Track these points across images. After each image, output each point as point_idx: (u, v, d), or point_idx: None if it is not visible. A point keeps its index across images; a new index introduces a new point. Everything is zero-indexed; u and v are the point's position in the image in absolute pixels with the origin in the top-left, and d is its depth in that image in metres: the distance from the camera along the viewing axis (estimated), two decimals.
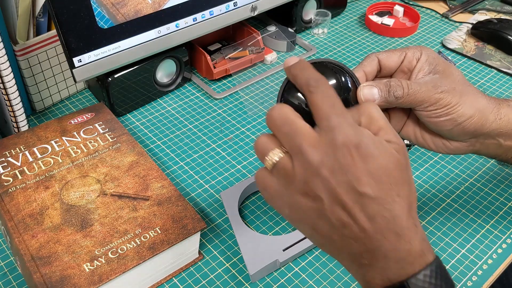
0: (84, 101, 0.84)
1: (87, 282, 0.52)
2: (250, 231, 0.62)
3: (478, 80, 0.90)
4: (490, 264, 0.61)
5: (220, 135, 0.78)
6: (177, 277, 0.59)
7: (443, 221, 0.66)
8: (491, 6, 1.10)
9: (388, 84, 0.47)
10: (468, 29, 1.02)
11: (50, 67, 0.78)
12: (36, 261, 0.53)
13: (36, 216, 0.58)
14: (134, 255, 0.54)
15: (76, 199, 0.60)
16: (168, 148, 0.76)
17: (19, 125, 0.72)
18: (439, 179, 0.71)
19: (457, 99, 0.49)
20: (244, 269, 0.60)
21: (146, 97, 0.82)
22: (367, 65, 0.50)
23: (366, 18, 1.04)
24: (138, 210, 0.59)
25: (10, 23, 0.72)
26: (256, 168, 0.72)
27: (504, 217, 0.66)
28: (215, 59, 0.86)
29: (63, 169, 0.63)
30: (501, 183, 0.71)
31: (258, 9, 0.87)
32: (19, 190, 0.60)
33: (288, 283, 0.59)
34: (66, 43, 0.68)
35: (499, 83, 0.89)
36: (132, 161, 0.65)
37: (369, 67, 0.50)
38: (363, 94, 0.46)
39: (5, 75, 0.66)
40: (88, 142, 0.67)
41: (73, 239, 0.55)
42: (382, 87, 0.47)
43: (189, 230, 0.57)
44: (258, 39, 0.89)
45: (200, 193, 0.69)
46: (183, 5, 0.77)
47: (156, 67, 0.81)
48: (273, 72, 0.89)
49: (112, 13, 0.71)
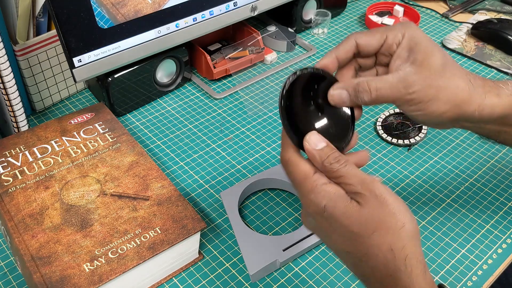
0: (84, 101, 0.84)
1: (87, 282, 0.51)
2: (250, 231, 0.62)
3: None
4: (490, 264, 0.61)
5: (220, 135, 0.78)
6: (177, 277, 0.59)
7: (443, 221, 0.66)
8: (491, 6, 1.10)
9: (356, 89, 0.47)
10: (468, 29, 1.02)
11: (50, 67, 0.78)
12: (36, 261, 0.53)
13: (36, 216, 0.58)
14: (134, 255, 0.54)
15: (76, 199, 0.60)
16: (168, 148, 0.76)
17: (19, 125, 0.72)
18: (439, 179, 0.71)
19: (430, 96, 0.46)
20: (244, 269, 0.60)
21: (146, 97, 0.82)
22: (341, 50, 0.49)
23: (366, 18, 1.04)
24: (138, 210, 0.59)
25: (10, 23, 0.72)
26: (256, 168, 0.72)
27: (504, 217, 0.66)
28: (215, 59, 0.86)
29: (63, 169, 0.63)
30: (501, 183, 0.71)
31: (258, 9, 0.87)
32: (19, 190, 0.60)
33: (288, 283, 0.59)
34: (66, 43, 0.68)
35: None
36: (132, 161, 0.65)
37: (344, 53, 0.49)
38: (332, 98, 0.47)
39: (5, 75, 0.66)
40: (88, 142, 0.67)
41: (73, 239, 0.55)
42: (351, 91, 0.47)
43: (189, 230, 0.57)
44: (258, 39, 0.89)
45: (200, 193, 0.69)
46: (183, 5, 0.77)
47: (156, 67, 0.81)
48: (273, 72, 0.89)
49: (112, 13, 0.71)
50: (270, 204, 0.68)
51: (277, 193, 0.69)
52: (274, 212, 0.67)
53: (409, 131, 0.77)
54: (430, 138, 0.78)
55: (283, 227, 0.65)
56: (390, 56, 0.49)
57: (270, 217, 0.66)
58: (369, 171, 0.72)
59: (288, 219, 0.66)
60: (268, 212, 0.67)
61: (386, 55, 0.49)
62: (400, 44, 0.48)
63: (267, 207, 0.67)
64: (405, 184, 0.70)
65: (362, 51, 0.49)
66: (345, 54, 0.49)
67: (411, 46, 0.47)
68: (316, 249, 0.62)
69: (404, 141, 0.76)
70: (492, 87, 0.49)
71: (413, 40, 0.47)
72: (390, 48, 0.48)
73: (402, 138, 0.76)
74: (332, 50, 0.49)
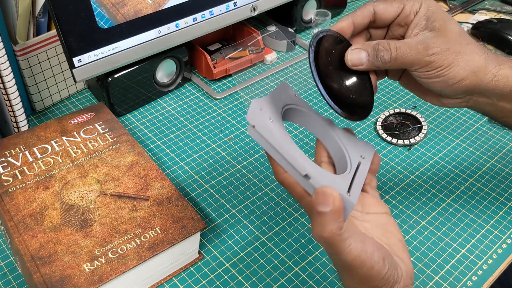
0: (84, 101, 0.84)
1: (87, 282, 0.51)
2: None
3: None
4: (490, 264, 0.61)
5: (220, 135, 0.78)
6: (177, 277, 0.59)
7: (443, 221, 0.66)
8: (491, 6, 1.10)
9: (376, 48, 0.46)
10: (468, 29, 1.02)
11: (50, 67, 0.78)
12: (36, 261, 0.53)
13: (36, 216, 0.58)
14: (134, 255, 0.54)
15: (76, 199, 0.60)
16: (168, 148, 0.76)
17: (19, 125, 0.72)
18: (439, 179, 0.71)
19: (449, 61, 0.47)
20: (244, 269, 0.60)
21: (146, 97, 0.82)
22: (359, 15, 0.49)
23: None
24: (138, 210, 0.59)
25: (10, 23, 0.72)
26: (256, 168, 0.72)
27: (504, 217, 0.66)
28: (215, 59, 0.86)
29: (63, 169, 0.63)
30: (501, 183, 0.71)
31: (258, 9, 0.87)
32: (19, 190, 0.60)
33: (288, 283, 0.59)
34: (66, 43, 0.68)
35: None
36: (132, 161, 0.65)
37: (360, 18, 0.49)
38: (350, 59, 0.46)
39: (5, 75, 0.66)
40: (88, 142, 0.67)
41: (73, 239, 0.55)
42: (370, 51, 0.46)
43: (189, 230, 0.57)
44: (258, 39, 0.89)
45: (200, 193, 0.69)
46: (183, 5, 0.77)
47: (156, 67, 0.81)
48: (273, 72, 0.89)
49: (112, 13, 0.71)
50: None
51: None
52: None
53: (409, 131, 0.77)
54: (430, 138, 0.78)
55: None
56: (406, 26, 0.49)
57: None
58: None
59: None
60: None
61: (401, 25, 0.49)
62: (417, 13, 0.48)
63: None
64: (405, 184, 0.70)
65: (379, 19, 0.49)
66: (362, 20, 0.49)
67: (429, 14, 0.48)
68: (316, 249, 0.62)
69: (404, 141, 0.76)
70: (505, 60, 0.50)
71: (430, 9, 0.48)
72: (407, 18, 0.49)
73: (402, 138, 0.76)
74: (349, 15, 0.49)
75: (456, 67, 0.47)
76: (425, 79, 0.48)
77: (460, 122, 0.80)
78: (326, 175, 0.44)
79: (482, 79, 0.48)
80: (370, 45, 0.47)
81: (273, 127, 0.43)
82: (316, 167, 0.44)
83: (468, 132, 0.79)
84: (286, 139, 0.43)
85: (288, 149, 0.42)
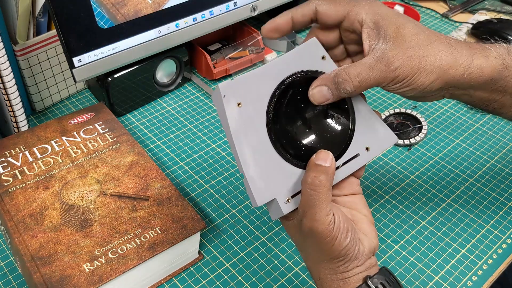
0: (84, 101, 0.84)
1: (87, 282, 0.51)
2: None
3: None
4: (490, 264, 0.61)
5: (220, 135, 0.78)
6: (177, 277, 0.59)
7: (443, 221, 0.66)
8: (491, 6, 1.10)
9: (335, 81, 0.44)
10: (468, 29, 1.01)
11: (50, 67, 0.78)
12: (36, 261, 0.53)
13: (36, 216, 0.58)
14: (134, 255, 0.54)
15: (76, 199, 0.60)
16: (168, 148, 0.76)
17: (19, 125, 0.72)
18: (439, 179, 0.71)
19: (415, 69, 0.44)
20: (244, 269, 0.60)
21: (146, 97, 0.82)
22: (299, 12, 0.47)
23: None
24: (138, 210, 0.59)
25: (10, 23, 0.72)
26: None
27: (504, 217, 0.66)
28: (215, 59, 0.86)
29: (63, 169, 0.63)
30: (501, 183, 0.71)
31: (258, 9, 0.87)
32: (19, 190, 0.60)
33: (288, 283, 0.59)
34: (66, 43, 0.68)
35: None
36: (132, 161, 0.65)
37: (301, 15, 0.47)
38: (314, 98, 0.45)
39: (5, 75, 0.66)
40: (88, 142, 0.67)
41: (73, 239, 0.55)
42: (331, 85, 0.44)
43: (189, 230, 0.57)
44: (258, 39, 0.89)
45: (200, 193, 0.69)
46: (183, 5, 0.77)
47: (156, 67, 0.81)
48: None
49: (112, 13, 0.71)
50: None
51: None
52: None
53: (409, 131, 0.77)
54: (430, 138, 0.78)
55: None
56: (355, 34, 0.47)
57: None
58: (369, 171, 0.72)
59: None
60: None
61: (350, 31, 0.47)
62: (364, 23, 0.45)
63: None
64: (405, 184, 0.70)
65: (321, 19, 0.47)
66: (302, 18, 0.47)
67: (378, 21, 0.45)
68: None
69: (404, 141, 0.76)
70: (479, 49, 0.47)
71: (377, 15, 0.45)
72: (353, 25, 0.46)
73: (402, 138, 0.76)
74: (289, 10, 0.47)
75: (423, 72, 0.44)
76: (395, 90, 0.46)
77: (460, 122, 0.80)
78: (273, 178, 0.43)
79: (453, 75, 0.45)
80: (329, 79, 0.44)
81: (235, 113, 0.41)
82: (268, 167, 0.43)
83: (468, 132, 0.79)
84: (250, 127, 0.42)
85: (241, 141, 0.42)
